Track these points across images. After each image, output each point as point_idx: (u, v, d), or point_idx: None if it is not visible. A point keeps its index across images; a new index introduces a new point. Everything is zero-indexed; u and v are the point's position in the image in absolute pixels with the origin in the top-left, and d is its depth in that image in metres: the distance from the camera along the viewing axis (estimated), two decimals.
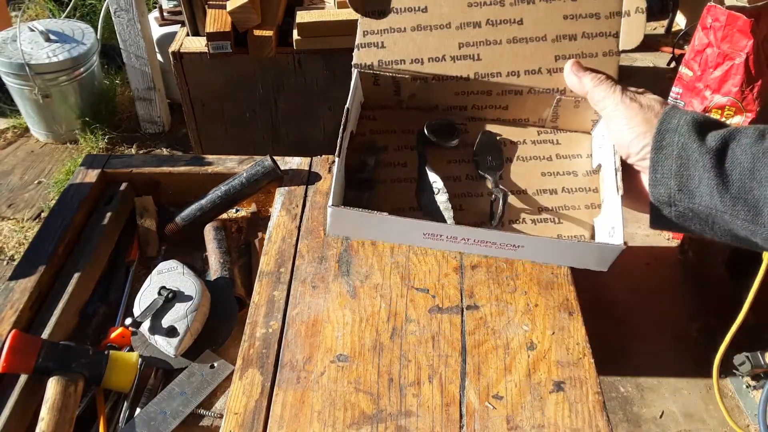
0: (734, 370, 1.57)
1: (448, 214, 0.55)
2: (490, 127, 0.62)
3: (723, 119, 1.45)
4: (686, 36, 1.99)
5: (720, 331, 1.46)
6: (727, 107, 1.43)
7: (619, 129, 0.50)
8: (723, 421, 1.52)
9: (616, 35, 0.57)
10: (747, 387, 1.56)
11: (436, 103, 0.61)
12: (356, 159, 0.57)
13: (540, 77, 0.57)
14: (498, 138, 0.60)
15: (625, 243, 0.48)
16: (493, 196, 0.56)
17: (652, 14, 2.42)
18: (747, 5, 1.36)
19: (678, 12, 2.51)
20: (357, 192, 0.56)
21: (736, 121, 1.44)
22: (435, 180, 0.56)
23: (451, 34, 0.57)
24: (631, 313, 1.76)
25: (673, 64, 2.21)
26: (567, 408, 0.67)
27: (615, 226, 0.51)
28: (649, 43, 2.34)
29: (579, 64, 0.55)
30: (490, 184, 0.57)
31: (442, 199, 0.55)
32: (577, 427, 0.66)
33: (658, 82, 2.43)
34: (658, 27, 2.61)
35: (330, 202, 0.49)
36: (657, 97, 0.51)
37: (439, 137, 0.59)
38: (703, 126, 0.46)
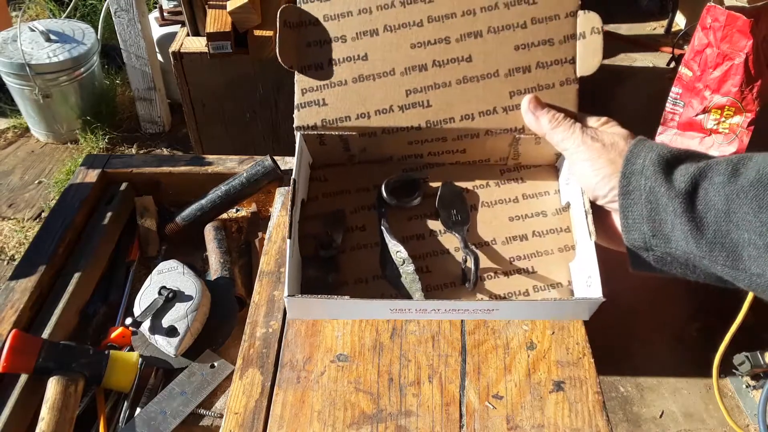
0: (734, 370, 1.57)
1: (415, 287, 0.50)
2: (450, 171, 0.58)
3: (722, 119, 1.46)
4: (686, 36, 1.99)
5: (720, 331, 1.46)
6: (726, 107, 1.43)
7: (583, 172, 0.47)
8: (723, 421, 1.52)
9: (573, 61, 0.52)
10: (747, 387, 1.56)
11: (389, 154, 0.57)
12: (316, 228, 0.52)
13: (496, 117, 0.53)
14: (460, 189, 0.56)
15: (604, 295, 0.45)
16: (464, 257, 0.51)
17: (652, 14, 2.42)
18: (746, 5, 1.36)
19: (677, 12, 2.52)
20: (320, 272, 0.51)
21: (736, 121, 1.44)
22: (398, 250, 0.52)
23: (397, 82, 0.52)
24: (631, 313, 1.76)
25: (672, 64, 2.21)
26: (567, 408, 0.67)
27: (591, 275, 0.47)
28: (648, 43, 2.35)
29: (536, 101, 0.51)
30: (458, 242, 0.53)
31: (408, 269, 0.51)
32: (577, 427, 0.66)
33: (657, 82, 2.43)
34: (658, 27, 2.61)
35: (286, 292, 0.45)
36: (620, 131, 0.47)
37: (399, 196, 0.54)
38: (670, 163, 0.42)
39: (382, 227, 0.53)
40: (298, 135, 0.53)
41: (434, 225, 0.54)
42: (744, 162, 0.40)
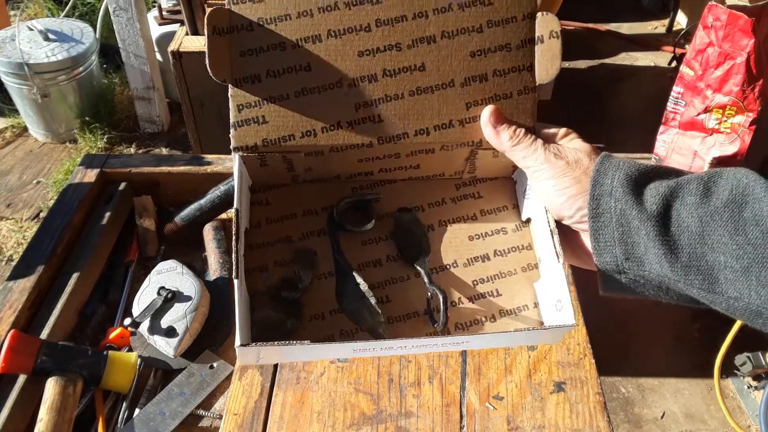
0: (735, 371, 1.57)
1: (378, 319, 0.47)
2: (403, 188, 0.54)
3: (724, 118, 1.45)
4: (687, 35, 1.99)
5: (721, 332, 1.46)
6: (728, 107, 1.43)
7: (547, 192, 0.45)
8: (724, 422, 1.52)
9: (531, 68, 0.49)
10: (748, 387, 1.56)
11: (337, 172, 0.52)
12: (262, 260, 0.47)
13: (452, 131, 0.49)
14: (416, 217, 0.53)
15: (575, 322, 0.43)
16: (429, 294, 0.48)
17: (653, 14, 2.42)
18: (748, 4, 1.36)
19: (679, 11, 2.51)
20: (278, 314, 0.46)
21: (738, 120, 1.44)
22: (360, 281, 0.48)
23: (344, 94, 0.47)
24: (632, 313, 1.76)
25: (674, 64, 2.21)
26: (568, 408, 0.67)
27: (561, 299, 0.45)
28: (650, 43, 2.34)
29: (497, 114, 0.48)
30: (423, 275, 0.49)
31: (369, 303, 0.47)
32: (578, 428, 0.65)
33: (659, 81, 2.43)
34: (659, 26, 2.61)
35: (238, 341, 0.39)
36: (583, 147, 0.45)
37: (351, 220, 0.51)
38: (638, 182, 0.41)
39: (337, 256, 0.50)
40: (236, 157, 0.47)
41: (389, 249, 0.51)
42: (714, 180, 0.39)
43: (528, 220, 0.53)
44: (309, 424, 0.66)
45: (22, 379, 0.71)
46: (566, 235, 0.46)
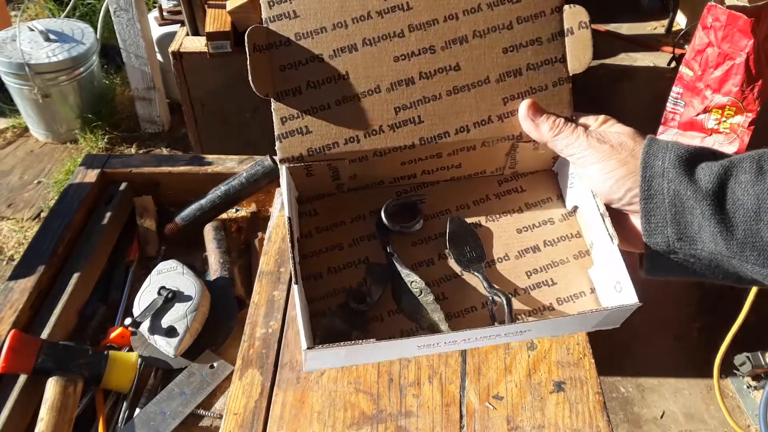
0: (735, 371, 1.57)
1: (438, 316, 0.47)
2: (446, 189, 0.55)
3: (723, 118, 1.45)
4: (687, 36, 1.99)
5: (721, 331, 1.46)
6: (727, 107, 1.43)
7: (594, 176, 0.45)
8: (724, 422, 1.52)
9: (563, 59, 0.50)
10: (748, 387, 1.56)
11: (380, 178, 0.53)
12: (315, 268, 0.48)
13: (492, 127, 0.50)
14: (468, 224, 0.53)
15: (640, 300, 0.44)
16: (490, 298, 0.48)
17: (653, 14, 2.42)
18: (747, 5, 1.36)
19: (678, 12, 2.51)
20: (344, 325, 0.46)
21: (737, 120, 1.44)
22: (413, 279, 0.48)
23: (384, 99, 0.48)
24: (632, 312, 1.76)
25: (673, 64, 2.21)
26: (567, 408, 0.67)
27: (620, 280, 0.46)
28: (649, 43, 2.35)
29: (535, 107, 0.49)
30: (481, 282, 0.49)
31: (427, 299, 0.48)
32: (578, 428, 0.66)
33: (658, 81, 2.43)
34: (659, 27, 2.61)
35: (304, 345, 0.40)
36: (625, 130, 0.46)
37: (400, 222, 0.51)
38: (690, 163, 0.42)
39: (391, 258, 0.50)
40: (283, 168, 0.49)
41: (440, 248, 0.52)
42: (766, 158, 0.40)
43: (574, 209, 0.54)
44: (309, 424, 0.66)
45: (22, 378, 0.72)
46: (613, 218, 0.47)
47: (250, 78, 0.47)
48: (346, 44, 0.48)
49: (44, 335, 0.76)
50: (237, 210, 1.01)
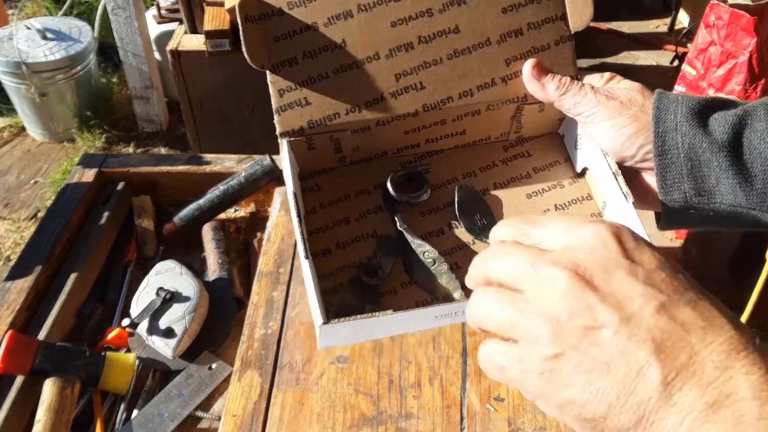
0: None
1: (453, 285, 0.46)
2: (451, 156, 0.54)
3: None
4: (689, 34, 1.98)
5: None
6: None
7: (604, 134, 0.44)
8: None
9: (564, 17, 0.49)
10: None
11: (383, 149, 0.52)
12: (323, 245, 0.48)
13: (495, 89, 0.49)
14: (477, 191, 0.52)
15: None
16: None
17: (655, 12, 2.42)
18: (750, 3, 1.35)
19: (681, 10, 2.51)
20: (357, 300, 0.45)
21: None
22: (426, 249, 0.47)
23: (383, 66, 0.47)
24: None
25: (676, 63, 2.21)
26: None
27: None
28: (651, 42, 2.34)
29: (539, 67, 0.47)
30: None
31: (441, 269, 0.47)
32: None
33: (661, 80, 2.42)
34: (661, 25, 2.60)
35: (318, 320, 0.39)
36: (634, 85, 0.45)
37: (407, 192, 0.50)
38: (702, 114, 0.40)
39: (401, 228, 0.49)
40: (284, 143, 0.47)
41: (450, 217, 0.51)
42: None
43: (583, 171, 0.52)
44: (309, 426, 0.65)
45: (19, 379, 0.71)
46: (625, 176, 0.45)
47: (244, 50, 0.46)
48: (341, 11, 0.47)
49: (41, 336, 0.75)
50: (236, 210, 1.00)
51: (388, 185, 0.50)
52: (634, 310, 0.26)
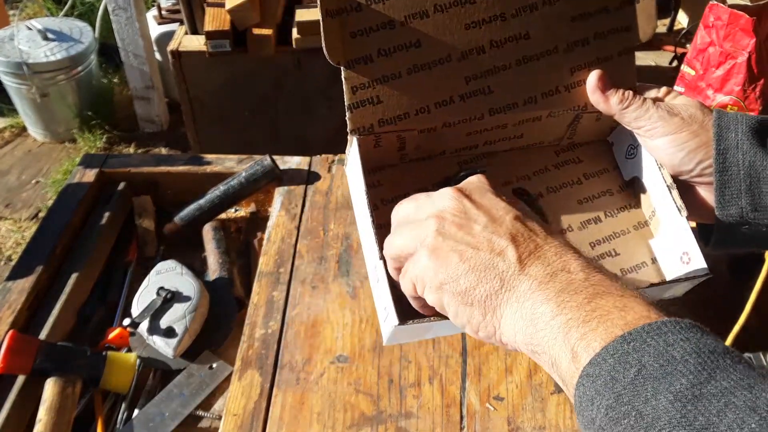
0: None
1: None
2: (505, 159, 0.55)
3: None
4: (688, 35, 1.98)
5: (721, 332, 1.45)
6: (729, 106, 1.42)
7: (664, 149, 0.46)
8: None
9: (629, 29, 0.49)
10: None
11: (444, 148, 0.53)
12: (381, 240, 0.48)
13: (558, 97, 0.49)
14: (533, 196, 0.53)
15: (706, 267, 0.44)
16: None
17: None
18: (749, 4, 1.36)
19: (680, 10, 2.51)
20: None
21: None
22: None
23: (455, 68, 0.47)
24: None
25: (675, 63, 2.20)
26: (569, 409, 0.67)
27: (689, 251, 0.46)
28: (650, 42, 2.34)
29: (604, 79, 0.48)
30: None
31: None
32: (579, 429, 0.65)
33: (660, 81, 2.41)
34: (660, 26, 2.60)
35: (396, 321, 0.40)
36: (692, 102, 0.46)
37: None
38: (761, 133, 0.43)
39: None
40: (353, 140, 0.47)
41: None
42: None
43: (632, 181, 0.53)
44: (309, 425, 0.66)
45: (20, 379, 0.71)
46: (680, 191, 0.47)
47: (323, 45, 0.45)
48: (418, 10, 0.46)
49: (42, 336, 0.75)
50: (236, 210, 1.00)
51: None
52: (498, 215, 0.37)
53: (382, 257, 0.42)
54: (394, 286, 0.42)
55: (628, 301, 0.31)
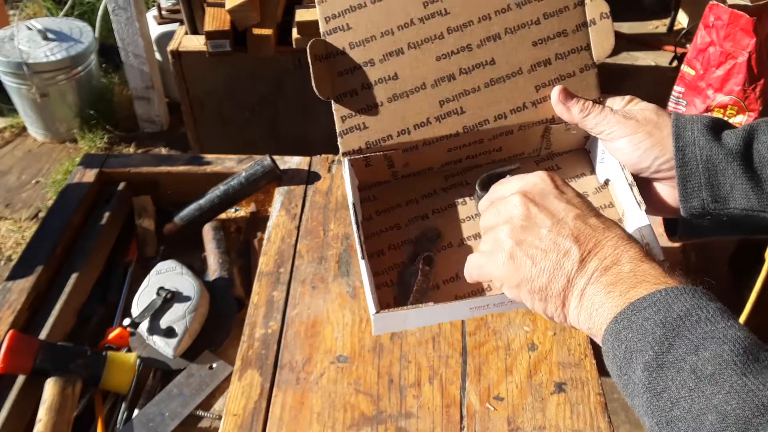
0: None
1: None
2: (487, 170, 0.61)
3: (725, 119, 1.45)
4: (688, 35, 1.98)
5: None
6: (729, 106, 1.42)
7: (622, 149, 0.50)
8: None
9: (588, 47, 0.56)
10: None
11: (430, 164, 0.60)
12: (377, 246, 0.56)
13: (527, 112, 0.56)
14: (502, 171, 0.60)
15: (664, 257, 0.48)
16: None
17: (654, 13, 2.41)
18: (749, 4, 1.35)
19: (680, 10, 2.51)
20: (405, 291, 0.53)
21: (739, 120, 1.44)
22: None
23: (429, 94, 0.55)
24: None
25: (675, 63, 2.20)
26: (568, 409, 0.67)
27: (648, 242, 0.50)
28: (651, 42, 2.34)
29: (565, 92, 0.54)
30: None
31: None
32: (579, 429, 0.65)
33: (660, 81, 2.42)
34: (660, 26, 2.60)
35: (372, 309, 0.47)
36: (648, 106, 0.51)
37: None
38: (716, 130, 0.47)
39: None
40: (345, 161, 0.55)
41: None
42: None
43: (606, 182, 0.59)
44: (309, 425, 0.66)
45: (20, 379, 0.71)
46: (642, 187, 0.52)
47: (313, 84, 0.54)
48: (394, 49, 0.55)
49: (42, 336, 0.76)
50: (236, 210, 1.00)
51: (477, 187, 0.56)
52: (560, 217, 0.41)
53: (364, 257, 0.49)
54: (373, 278, 0.51)
55: (657, 288, 0.36)
